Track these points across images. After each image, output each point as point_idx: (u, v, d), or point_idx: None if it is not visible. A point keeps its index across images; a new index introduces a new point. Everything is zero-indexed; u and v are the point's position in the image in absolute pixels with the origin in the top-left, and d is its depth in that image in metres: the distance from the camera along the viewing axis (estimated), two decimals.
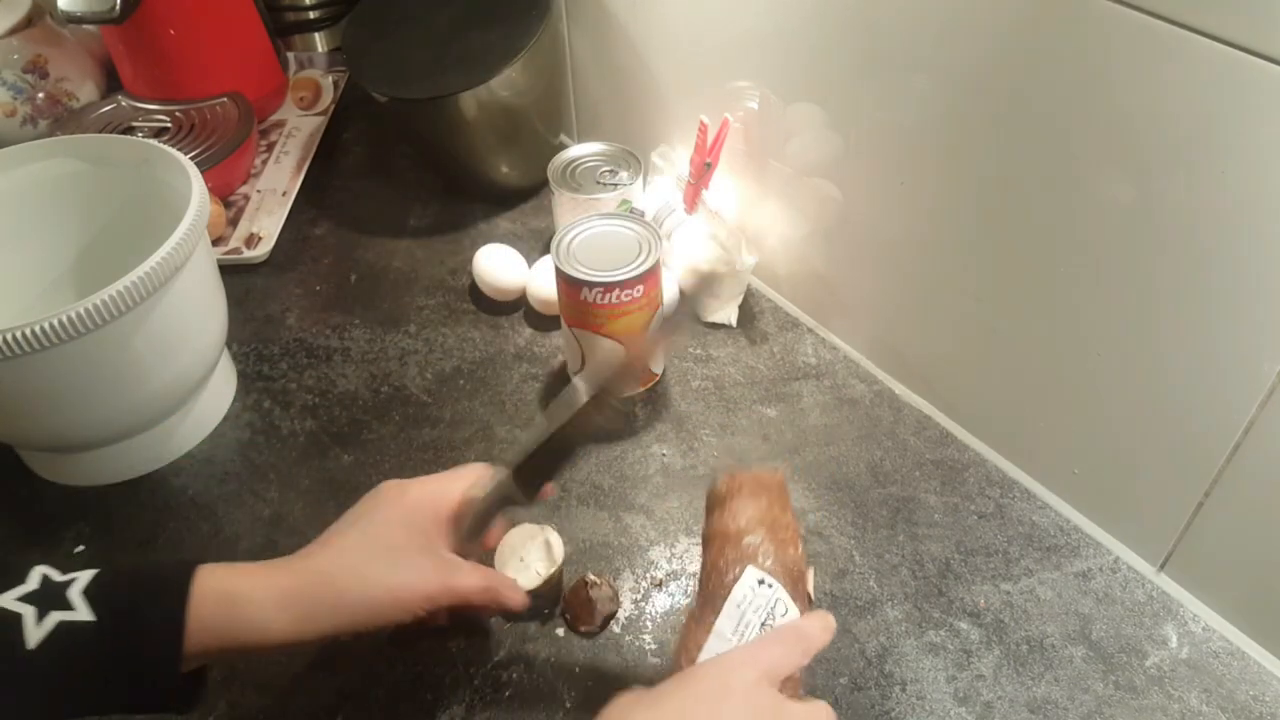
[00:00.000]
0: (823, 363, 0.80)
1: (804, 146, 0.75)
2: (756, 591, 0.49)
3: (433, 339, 0.84)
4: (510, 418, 0.76)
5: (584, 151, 0.87)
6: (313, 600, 0.49)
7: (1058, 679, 0.59)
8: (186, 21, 1.00)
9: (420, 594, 0.52)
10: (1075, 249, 0.59)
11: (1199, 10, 0.47)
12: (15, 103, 1.04)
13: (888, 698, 0.58)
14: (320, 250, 0.95)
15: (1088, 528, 0.67)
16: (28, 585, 0.45)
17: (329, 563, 0.51)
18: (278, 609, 0.48)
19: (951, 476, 0.71)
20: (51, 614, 0.44)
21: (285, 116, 1.12)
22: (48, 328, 0.58)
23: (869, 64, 0.66)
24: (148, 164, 0.73)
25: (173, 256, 0.63)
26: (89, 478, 0.73)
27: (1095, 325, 0.60)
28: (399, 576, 0.51)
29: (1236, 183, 0.50)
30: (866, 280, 0.76)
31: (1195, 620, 0.62)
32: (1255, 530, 0.58)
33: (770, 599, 0.49)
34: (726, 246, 0.80)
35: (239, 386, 0.80)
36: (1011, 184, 0.61)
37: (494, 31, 0.88)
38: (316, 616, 0.49)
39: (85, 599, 0.45)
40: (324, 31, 1.20)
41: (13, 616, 0.44)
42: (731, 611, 0.49)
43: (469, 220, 0.97)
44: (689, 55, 0.82)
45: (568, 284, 0.71)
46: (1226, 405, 0.55)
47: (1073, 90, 0.54)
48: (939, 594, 0.63)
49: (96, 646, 0.45)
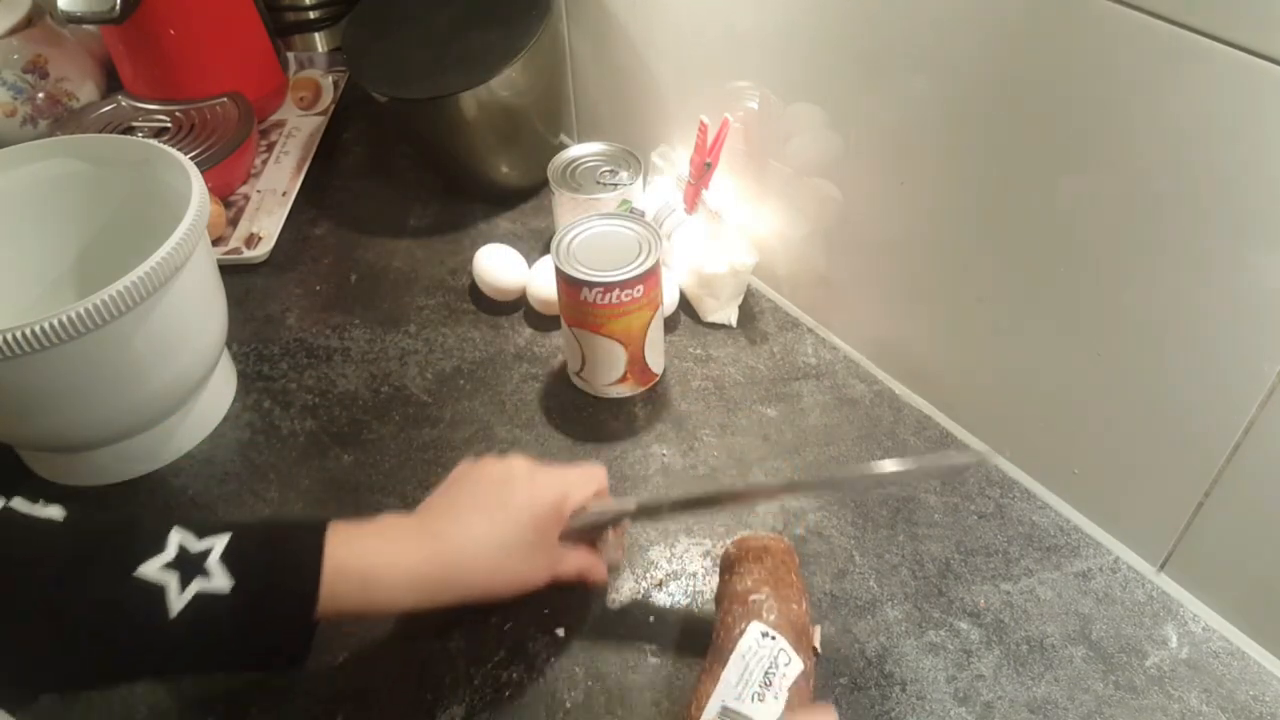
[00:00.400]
0: (823, 363, 0.80)
1: (804, 146, 0.75)
2: (760, 644, 0.53)
3: (433, 339, 0.84)
4: (510, 418, 0.76)
5: (584, 151, 0.87)
6: (441, 584, 0.53)
7: (1058, 679, 0.59)
8: (186, 21, 1.00)
9: (535, 584, 0.56)
10: (1075, 249, 0.59)
11: (1200, 11, 0.47)
12: (15, 103, 1.04)
13: (888, 698, 0.58)
14: (320, 250, 0.95)
15: (1088, 528, 0.67)
16: (167, 553, 0.47)
17: (460, 551, 0.53)
18: (407, 589, 0.52)
19: (951, 476, 0.71)
20: (193, 583, 0.46)
21: (285, 116, 1.12)
22: (48, 328, 0.58)
23: (869, 64, 0.66)
24: (148, 164, 0.73)
25: (173, 256, 0.63)
26: (89, 478, 0.73)
27: (1095, 325, 0.60)
28: (524, 572, 0.56)
29: (1237, 183, 0.50)
30: (866, 280, 0.76)
31: (1195, 620, 0.62)
32: (1255, 530, 0.58)
33: (773, 650, 0.52)
34: (726, 246, 0.80)
35: (239, 386, 0.80)
36: (1012, 184, 0.61)
37: (494, 31, 0.88)
38: (441, 596, 0.53)
39: (223, 566, 0.47)
40: (324, 31, 1.20)
41: (157, 588, 0.45)
42: (736, 663, 0.52)
43: (469, 220, 0.97)
44: (689, 55, 0.82)
45: (568, 284, 0.71)
46: (1226, 405, 0.55)
47: (1073, 91, 0.54)
48: (939, 594, 0.63)
49: (231, 617, 0.47)
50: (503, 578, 0.55)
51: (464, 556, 0.53)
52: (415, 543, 0.53)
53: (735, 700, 0.51)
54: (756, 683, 0.51)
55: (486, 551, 0.54)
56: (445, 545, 0.53)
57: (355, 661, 0.61)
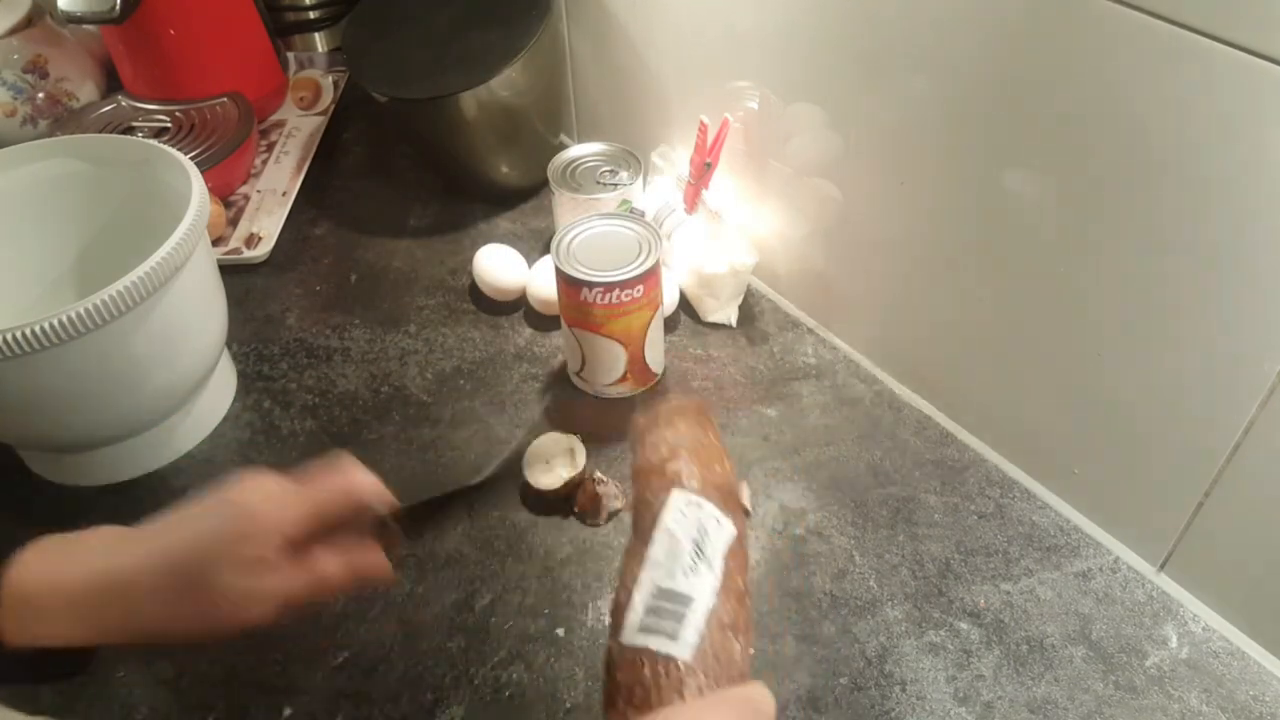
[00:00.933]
0: (823, 363, 0.80)
1: (804, 146, 0.75)
2: (685, 513, 0.47)
3: (433, 339, 0.84)
4: (510, 418, 0.76)
5: (584, 151, 0.87)
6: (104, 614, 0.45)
7: (1058, 679, 0.59)
8: (186, 21, 1.00)
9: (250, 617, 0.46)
10: (1075, 249, 0.59)
11: (1200, 11, 0.47)
12: (15, 103, 1.04)
13: (888, 698, 0.58)
14: (320, 250, 0.95)
15: (1088, 528, 0.67)
16: None
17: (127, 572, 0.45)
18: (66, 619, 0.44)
19: (951, 476, 0.71)
20: None
21: (285, 116, 1.12)
22: (48, 328, 0.58)
23: (869, 64, 0.66)
24: (148, 164, 0.73)
25: (173, 256, 0.63)
26: (89, 478, 0.73)
27: (1095, 325, 0.60)
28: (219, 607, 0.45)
29: (1237, 183, 0.50)
30: (866, 280, 0.76)
31: (1195, 620, 0.62)
32: (1255, 530, 0.58)
33: (700, 517, 0.47)
34: (726, 246, 0.80)
35: (239, 386, 0.80)
36: (1011, 184, 0.61)
37: (494, 31, 0.88)
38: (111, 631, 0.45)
39: None
40: (324, 31, 1.20)
41: None
42: (662, 538, 0.46)
43: (469, 220, 0.97)
44: (689, 55, 0.82)
45: (568, 284, 0.71)
46: (1226, 405, 0.55)
47: (1073, 91, 0.54)
48: (939, 594, 0.63)
49: None
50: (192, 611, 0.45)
51: (132, 583, 0.44)
52: (82, 561, 0.45)
53: (667, 579, 0.45)
54: (688, 555, 0.45)
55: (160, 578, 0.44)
56: (113, 565, 0.45)
57: (355, 661, 0.61)
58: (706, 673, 0.42)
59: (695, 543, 0.46)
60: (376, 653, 0.61)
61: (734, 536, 0.47)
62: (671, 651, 0.43)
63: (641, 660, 0.43)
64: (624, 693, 0.43)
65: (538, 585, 0.64)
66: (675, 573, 0.45)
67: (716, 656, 0.43)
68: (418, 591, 0.64)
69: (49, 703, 0.59)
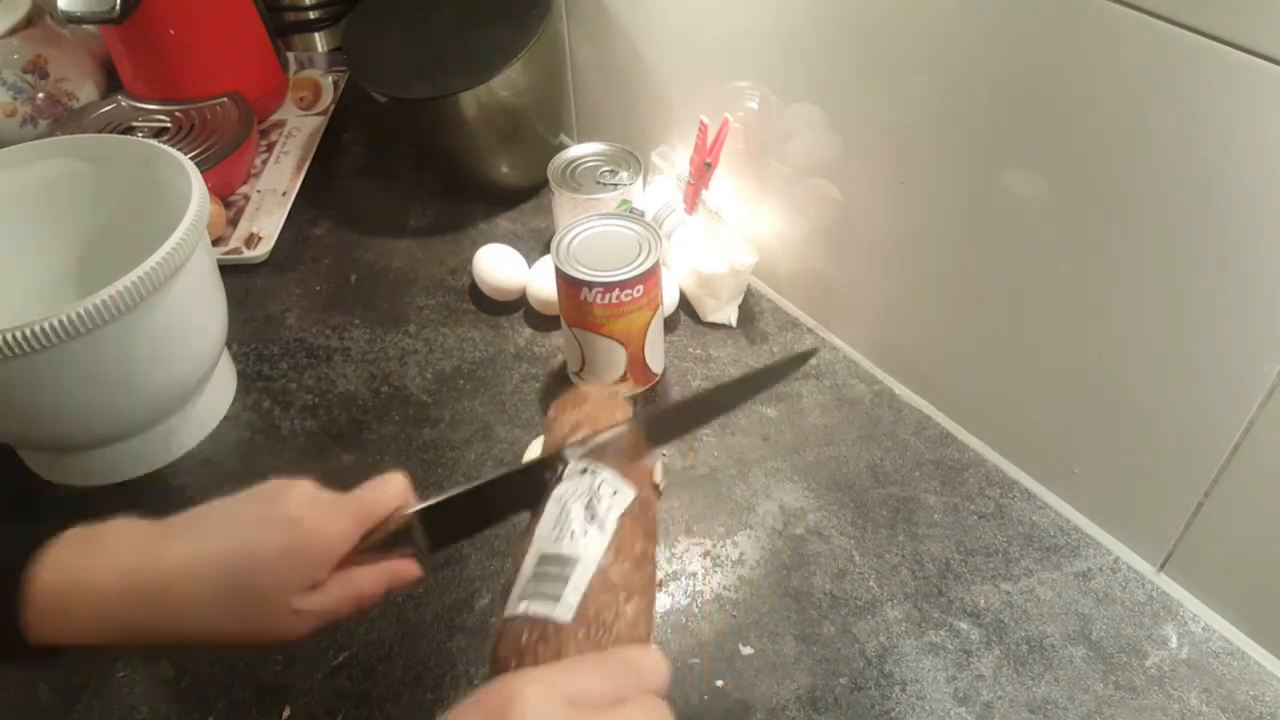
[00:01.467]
0: (823, 363, 0.80)
1: (804, 146, 0.75)
2: (577, 481, 0.43)
3: (433, 339, 0.84)
4: (510, 418, 0.76)
5: (584, 151, 0.87)
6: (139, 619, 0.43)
7: (1058, 679, 0.59)
8: (186, 21, 1.00)
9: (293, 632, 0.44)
10: (1075, 249, 0.59)
11: (1200, 11, 0.47)
12: (15, 103, 1.04)
13: (888, 698, 0.58)
14: (320, 250, 0.95)
15: (1088, 528, 0.67)
16: None
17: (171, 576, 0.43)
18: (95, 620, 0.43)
19: (951, 476, 0.71)
20: None
21: (285, 116, 1.12)
22: (48, 328, 0.58)
23: (869, 64, 0.66)
24: (148, 164, 0.73)
25: (173, 256, 0.63)
26: (89, 478, 0.73)
27: (1096, 325, 0.60)
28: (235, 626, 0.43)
29: (1237, 182, 0.50)
30: (866, 280, 0.76)
31: (1195, 620, 0.62)
32: (1255, 530, 0.58)
33: (592, 483, 0.43)
34: (726, 246, 0.80)
35: (239, 386, 0.80)
36: (1011, 184, 0.61)
37: (494, 31, 0.88)
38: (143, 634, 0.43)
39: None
40: (324, 31, 1.20)
41: None
42: (551, 508, 0.43)
43: (469, 220, 0.97)
44: (689, 55, 0.82)
45: (568, 284, 0.71)
46: (1226, 405, 0.55)
47: (1073, 91, 0.54)
48: (939, 594, 0.63)
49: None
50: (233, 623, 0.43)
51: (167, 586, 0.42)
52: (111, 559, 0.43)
53: (552, 545, 0.42)
54: (577, 519, 0.42)
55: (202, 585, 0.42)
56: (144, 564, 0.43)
57: (355, 661, 0.61)
58: (589, 635, 0.39)
59: (585, 506, 0.43)
60: (376, 653, 0.61)
61: (632, 499, 0.44)
62: (551, 613, 0.40)
63: (520, 628, 0.40)
64: (501, 665, 0.40)
65: None
66: (561, 538, 0.42)
67: (600, 616, 0.40)
68: (418, 591, 0.64)
69: (49, 702, 0.59)
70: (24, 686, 0.60)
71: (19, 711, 0.59)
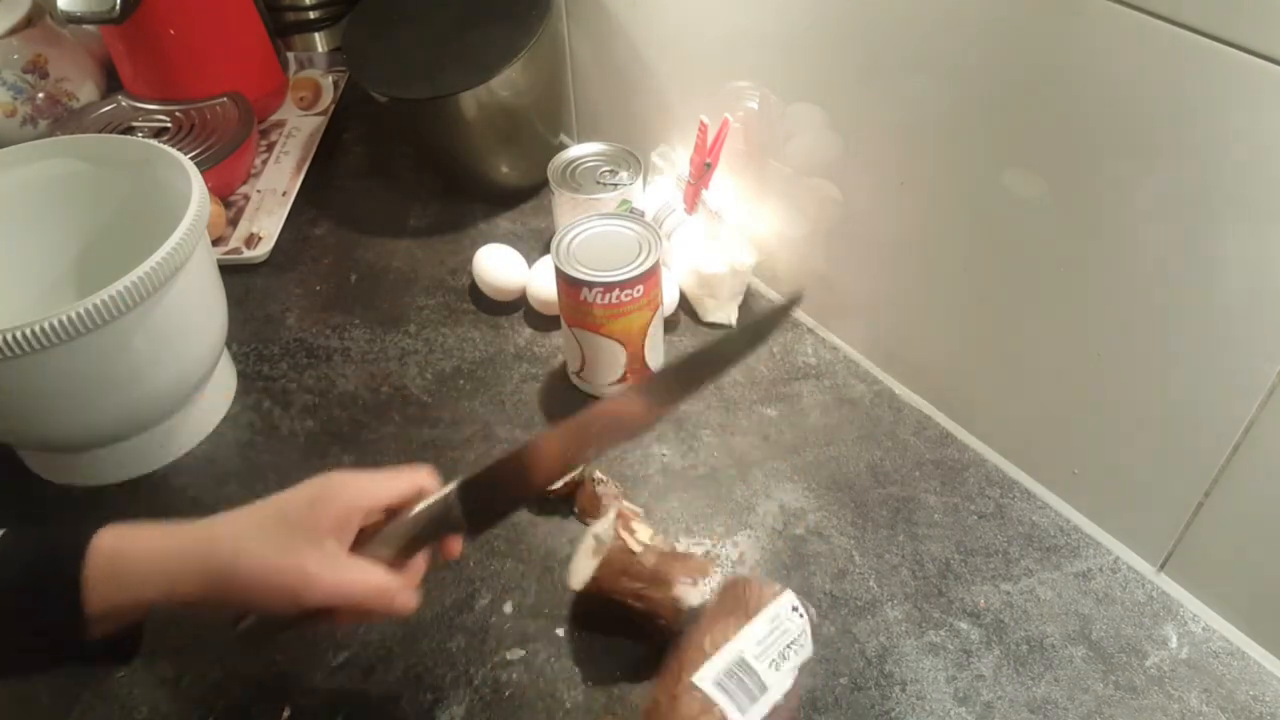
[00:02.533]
0: (823, 363, 0.80)
1: (804, 146, 0.75)
2: (790, 616, 0.51)
3: (433, 339, 0.84)
4: (510, 418, 0.76)
5: (584, 151, 0.87)
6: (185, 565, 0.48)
7: (1058, 679, 0.59)
8: (186, 21, 1.00)
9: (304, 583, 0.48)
10: (1075, 248, 0.59)
11: (1200, 11, 0.47)
12: (15, 103, 1.04)
13: (888, 698, 0.58)
14: (320, 250, 0.95)
15: (1088, 528, 0.67)
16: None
17: (215, 529, 0.49)
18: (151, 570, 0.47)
19: (951, 476, 0.71)
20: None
21: (285, 116, 1.12)
22: (48, 328, 0.58)
23: (869, 64, 0.66)
24: (148, 164, 0.73)
25: (173, 256, 0.63)
26: (89, 478, 0.73)
27: (1095, 325, 0.60)
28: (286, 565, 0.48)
29: (1237, 182, 0.50)
30: (866, 280, 0.76)
31: (1195, 620, 0.62)
32: (1255, 530, 0.58)
33: (800, 627, 0.51)
34: (726, 246, 0.80)
35: (239, 386, 0.80)
36: (1011, 184, 0.61)
37: (494, 31, 0.88)
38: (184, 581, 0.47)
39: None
40: (324, 31, 1.20)
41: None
42: (765, 622, 0.50)
43: (469, 220, 0.97)
44: (689, 55, 0.82)
45: (568, 284, 0.71)
46: (1226, 405, 0.55)
47: (1073, 91, 0.54)
48: (939, 594, 0.63)
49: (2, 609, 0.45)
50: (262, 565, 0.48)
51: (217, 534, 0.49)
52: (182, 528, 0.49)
53: (755, 658, 0.48)
54: (777, 651, 0.49)
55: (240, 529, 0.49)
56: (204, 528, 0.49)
57: (355, 661, 0.61)
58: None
59: (788, 645, 0.50)
60: (376, 653, 0.61)
61: (808, 659, 0.51)
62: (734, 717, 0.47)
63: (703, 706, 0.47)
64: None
65: (538, 585, 0.64)
66: (764, 659, 0.49)
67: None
68: (418, 591, 0.64)
69: (49, 703, 0.59)
70: (24, 687, 0.60)
71: (19, 712, 0.59)
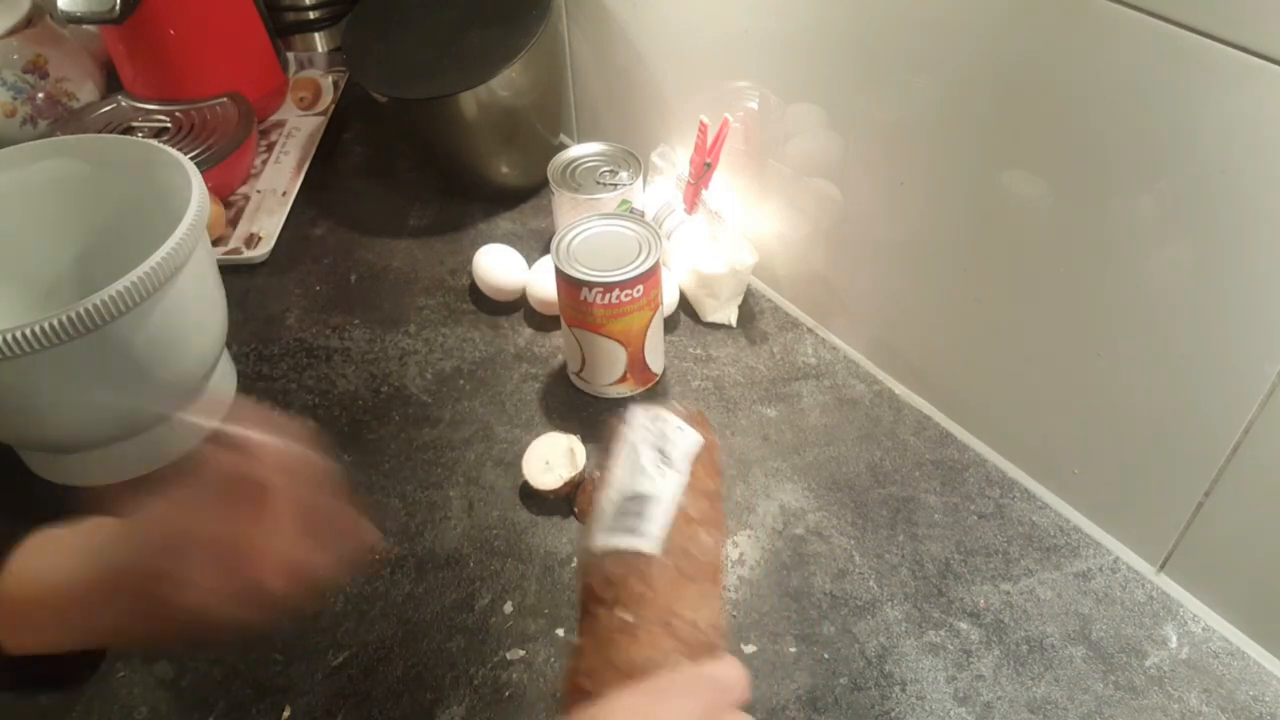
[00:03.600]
0: (823, 363, 0.80)
1: (804, 146, 0.75)
2: (647, 427, 0.47)
3: (433, 339, 0.84)
4: (510, 418, 0.76)
5: (584, 151, 0.87)
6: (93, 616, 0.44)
7: (1058, 679, 0.59)
8: (186, 21, 1.00)
9: None
10: (1075, 249, 0.59)
11: (1200, 11, 0.47)
12: (15, 103, 1.04)
13: (888, 698, 0.58)
14: (320, 250, 0.95)
15: (1088, 528, 0.67)
16: None
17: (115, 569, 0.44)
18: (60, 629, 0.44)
19: (951, 476, 0.71)
20: None
21: (285, 116, 1.12)
22: (48, 328, 0.58)
23: (869, 64, 0.66)
24: (148, 164, 0.73)
25: (173, 256, 0.63)
26: (89, 478, 0.73)
27: (1095, 325, 0.60)
28: None
29: (1236, 183, 0.50)
30: (866, 280, 0.76)
31: (1195, 620, 0.62)
32: (1255, 530, 0.58)
33: (661, 428, 0.47)
34: (726, 246, 0.80)
35: (239, 386, 0.80)
36: (1011, 184, 0.61)
37: (494, 31, 0.88)
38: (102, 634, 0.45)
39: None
40: (324, 31, 1.20)
41: None
42: (624, 452, 0.46)
43: (469, 220, 0.97)
44: (689, 55, 0.82)
45: (568, 284, 0.71)
46: (1226, 405, 0.55)
47: (1073, 91, 0.54)
48: (939, 594, 0.63)
49: None
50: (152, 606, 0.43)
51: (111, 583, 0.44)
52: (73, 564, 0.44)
53: (630, 485, 0.45)
54: (651, 461, 0.45)
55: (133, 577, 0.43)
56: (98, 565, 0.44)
57: (355, 661, 0.61)
58: (677, 565, 0.43)
59: (657, 449, 0.46)
60: (376, 653, 0.61)
61: (700, 443, 0.47)
62: (636, 545, 0.43)
63: (609, 561, 0.43)
64: (593, 593, 0.43)
65: (538, 585, 0.64)
66: (638, 478, 0.45)
67: (685, 548, 0.43)
68: (418, 591, 0.64)
69: (48, 704, 0.59)
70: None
71: (19, 712, 0.59)
